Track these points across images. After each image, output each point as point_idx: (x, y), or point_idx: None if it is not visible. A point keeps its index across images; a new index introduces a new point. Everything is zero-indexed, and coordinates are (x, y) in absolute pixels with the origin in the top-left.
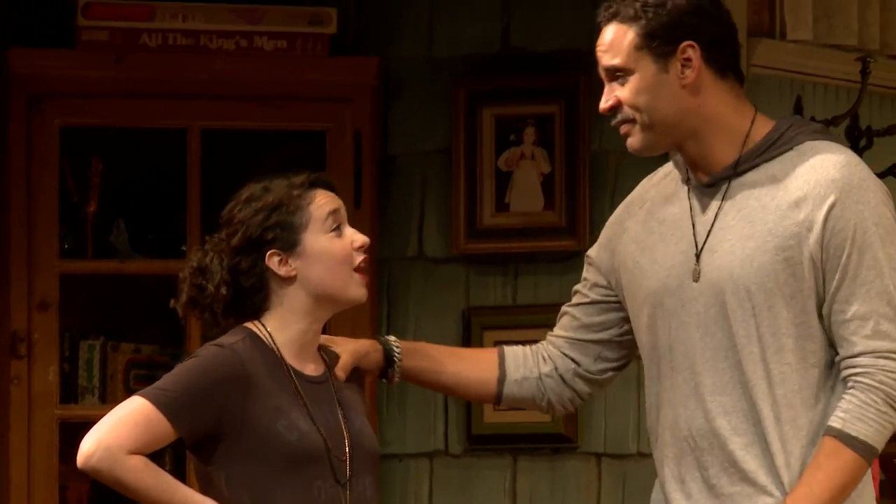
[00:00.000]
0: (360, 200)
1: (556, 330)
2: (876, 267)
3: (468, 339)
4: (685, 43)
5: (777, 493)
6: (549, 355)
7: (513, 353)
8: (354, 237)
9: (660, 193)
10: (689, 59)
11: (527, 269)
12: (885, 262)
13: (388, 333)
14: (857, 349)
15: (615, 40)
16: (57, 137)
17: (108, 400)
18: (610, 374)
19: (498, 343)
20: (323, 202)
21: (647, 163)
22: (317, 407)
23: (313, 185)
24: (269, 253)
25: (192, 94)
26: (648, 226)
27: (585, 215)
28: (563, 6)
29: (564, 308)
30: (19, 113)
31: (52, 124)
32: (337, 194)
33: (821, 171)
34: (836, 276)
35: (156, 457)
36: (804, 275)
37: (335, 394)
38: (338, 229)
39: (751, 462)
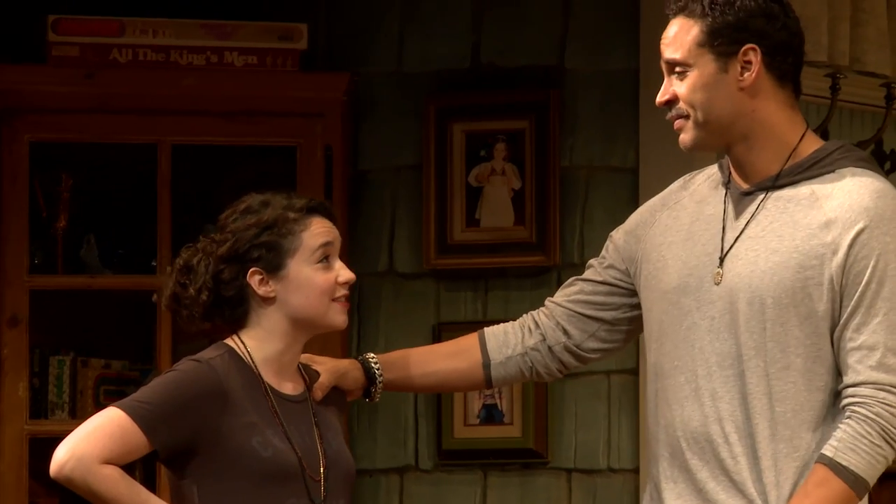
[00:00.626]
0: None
1: (559, 297)
2: (892, 300)
3: None
4: (748, 45)
5: None
6: (539, 324)
7: (493, 334)
8: (341, 272)
9: (698, 192)
10: (749, 62)
11: (497, 284)
12: None
13: (359, 349)
14: (860, 378)
15: (679, 34)
16: (27, 153)
17: (78, 415)
18: (599, 354)
19: None
20: (318, 232)
21: (619, 181)
22: (293, 426)
23: (313, 211)
24: (251, 270)
25: (163, 109)
26: (681, 222)
27: (556, 231)
28: (534, 22)
29: (574, 279)
30: None
31: (23, 139)
32: (335, 224)
33: (855, 196)
34: (852, 303)
35: (127, 469)
36: (822, 297)
37: (313, 414)
38: (326, 261)
39: (740, 473)
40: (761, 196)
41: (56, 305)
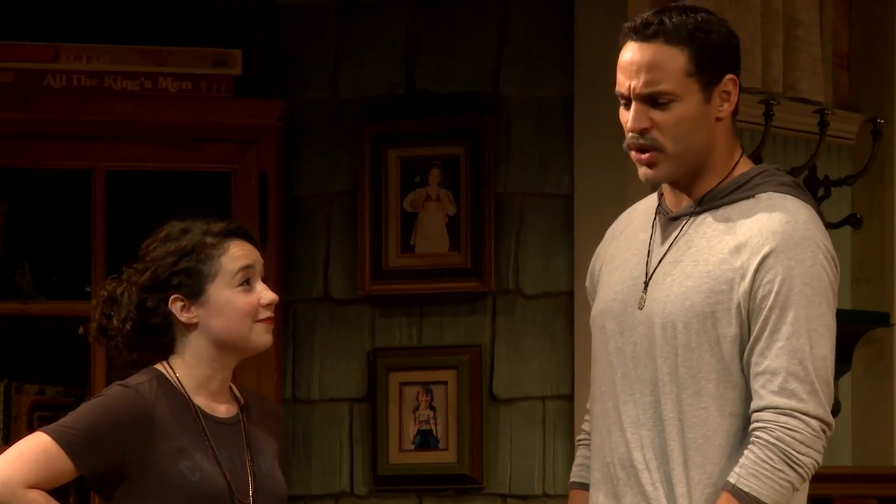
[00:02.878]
0: (265, 241)
1: (585, 425)
2: (795, 325)
3: (374, 380)
4: (729, 75)
5: None
6: None
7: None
8: (263, 294)
9: (637, 219)
10: (728, 93)
11: (432, 310)
12: (806, 322)
13: (294, 374)
14: (763, 403)
15: (662, 62)
16: None
17: (12, 441)
18: None
19: (404, 385)
20: (237, 255)
21: (553, 207)
22: (224, 449)
23: (231, 234)
24: (172, 297)
25: (97, 135)
26: (620, 250)
27: (490, 257)
28: (468, 49)
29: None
30: None
31: None
32: (256, 246)
33: (766, 221)
34: (757, 328)
35: (61, 493)
36: (731, 322)
37: (246, 436)
38: (248, 283)
39: (659, 499)
40: (685, 221)
41: None
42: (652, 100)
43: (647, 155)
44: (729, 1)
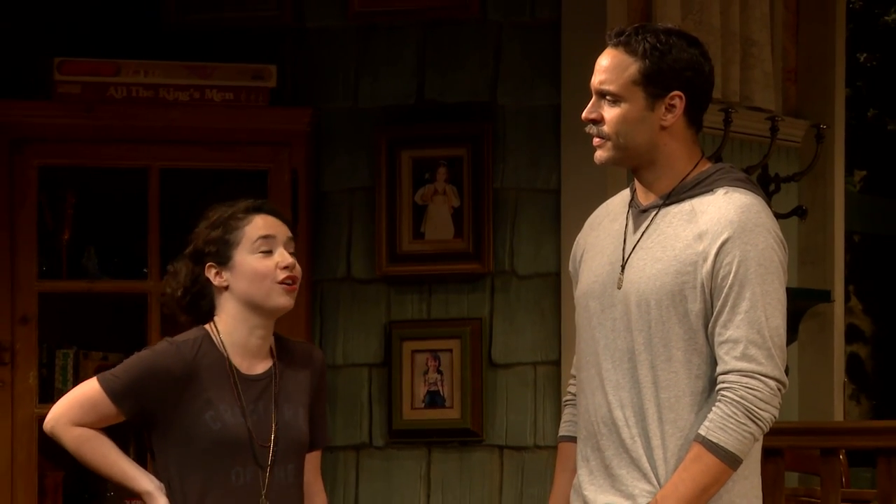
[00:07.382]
0: (296, 230)
1: (570, 388)
2: (752, 300)
3: (389, 348)
4: (676, 92)
5: (654, 480)
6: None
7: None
8: (281, 257)
9: (612, 212)
10: (673, 106)
11: (439, 288)
12: (761, 297)
13: (322, 343)
14: (728, 367)
15: (616, 68)
16: (36, 176)
17: None
18: None
19: (415, 352)
20: (258, 225)
21: (543, 200)
22: (252, 402)
23: (257, 210)
24: (207, 264)
25: (152, 138)
26: (599, 239)
27: (489, 243)
28: (469, 65)
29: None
30: (3, 155)
31: (32, 165)
32: (284, 221)
33: (724, 211)
34: (720, 303)
35: (119, 433)
36: (696, 298)
37: (276, 388)
38: (269, 251)
39: (637, 450)
40: (654, 212)
41: (61, 306)
42: (604, 96)
43: (596, 140)
44: (693, 24)
